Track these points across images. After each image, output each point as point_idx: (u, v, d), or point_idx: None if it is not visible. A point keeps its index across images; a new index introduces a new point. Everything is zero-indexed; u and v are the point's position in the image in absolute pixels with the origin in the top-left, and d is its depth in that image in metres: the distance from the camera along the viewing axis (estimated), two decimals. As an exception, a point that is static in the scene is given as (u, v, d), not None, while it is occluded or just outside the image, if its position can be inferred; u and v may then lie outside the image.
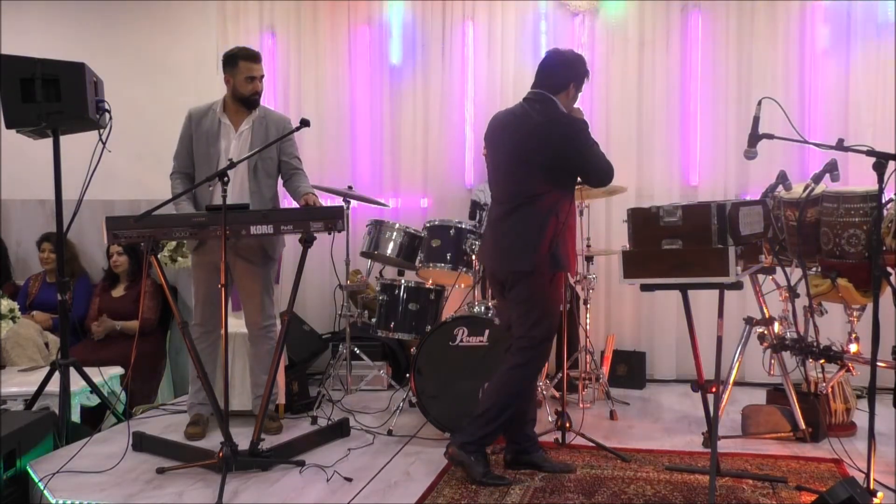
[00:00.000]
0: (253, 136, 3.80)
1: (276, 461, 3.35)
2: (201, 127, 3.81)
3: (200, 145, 3.80)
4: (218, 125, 3.80)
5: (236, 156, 3.65)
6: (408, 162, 5.31)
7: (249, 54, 3.79)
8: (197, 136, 3.81)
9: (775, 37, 4.80)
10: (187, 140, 3.84)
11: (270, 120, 3.87)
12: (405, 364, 4.89)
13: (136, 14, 5.56)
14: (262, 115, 3.86)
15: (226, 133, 3.80)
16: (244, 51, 3.81)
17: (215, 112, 3.82)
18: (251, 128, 3.82)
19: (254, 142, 3.78)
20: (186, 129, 3.85)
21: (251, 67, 3.76)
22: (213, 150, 3.77)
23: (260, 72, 3.81)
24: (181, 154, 3.87)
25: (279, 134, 3.81)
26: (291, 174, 3.92)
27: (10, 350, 4.71)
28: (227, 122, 3.81)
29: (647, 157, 4.99)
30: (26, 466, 3.29)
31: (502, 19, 5.14)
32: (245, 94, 3.78)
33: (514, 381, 3.19)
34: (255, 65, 3.78)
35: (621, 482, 3.17)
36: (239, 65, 3.76)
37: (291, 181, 3.91)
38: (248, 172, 3.79)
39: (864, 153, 2.75)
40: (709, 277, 2.82)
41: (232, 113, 3.82)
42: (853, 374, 3.52)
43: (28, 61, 3.77)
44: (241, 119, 3.82)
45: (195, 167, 3.83)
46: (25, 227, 5.69)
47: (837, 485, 2.70)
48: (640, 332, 5.06)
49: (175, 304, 3.65)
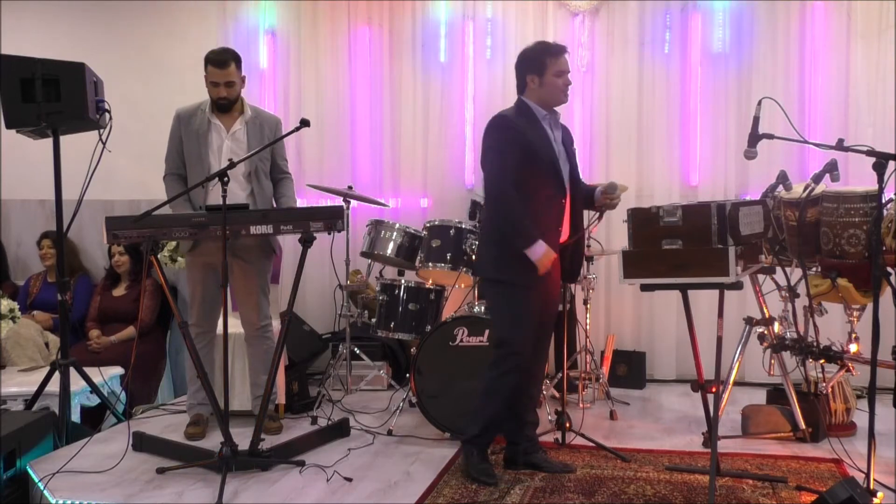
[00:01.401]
0: (249, 137, 3.79)
1: (276, 461, 3.36)
2: (191, 127, 3.78)
3: (191, 145, 3.77)
4: (208, 125, 3.78)
5: (233, 156, 3.65)
6: (408, 162, 5.30)
7: (217, 59, 3.70)
8: (187, 137, 3.79)
9: (775, 37, 4.80)
10: (177, 141, 3.82)
11: (263, 120, 3.86)
12: (405, 364, 4.89)
13: (136, 14, 5.56)
14: (255, 115, 3.85)
15: (217, 133, 3.79)
16: (213, 55, 3.73)
17: (204, 112, 3.80)
18: (245, 128, 3.80)
19: (250, 142, 3.77)
20: (175, 129, 3.83)
21: (215, 73, 3.69)
22: (205, 151, 3.75)
23: (225, 77, 3.69)
24: (172, 155, 3.85)
25: (273, 134, 3.81)
26: (279, 179, 3.92)
27: (10, 350, 4.71)
28: (216, 122, 3.79)
29: (647, 157, 4.98)
30: (26, 466, 3.29)
31: (503, 19, 5.14)
32: (213, 98, 3.75)
33: (486, 381, 3.22)
34: (220, 70, 3.68)
35: (621, 482, 3.17)
36: (207, 69, 3.72)
37: (277, 187, 3.91)
38: (251, 175, 3.78)
39: (864, 153, 2.75)
40: (709, 277, 2.82)
41: (220, 113, 3.81)
42: (853, 374, 3.52)
43: (28, 61, 3.77)
44: (230, 119, 3.81)
45: (187, 168, 3.81)
46: (25, 227, 5.69)
47: (837, 485, 2.70)
48: (640, 332, 5.06)
49: (175, 304, 3.65)
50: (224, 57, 3.72)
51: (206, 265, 3.77)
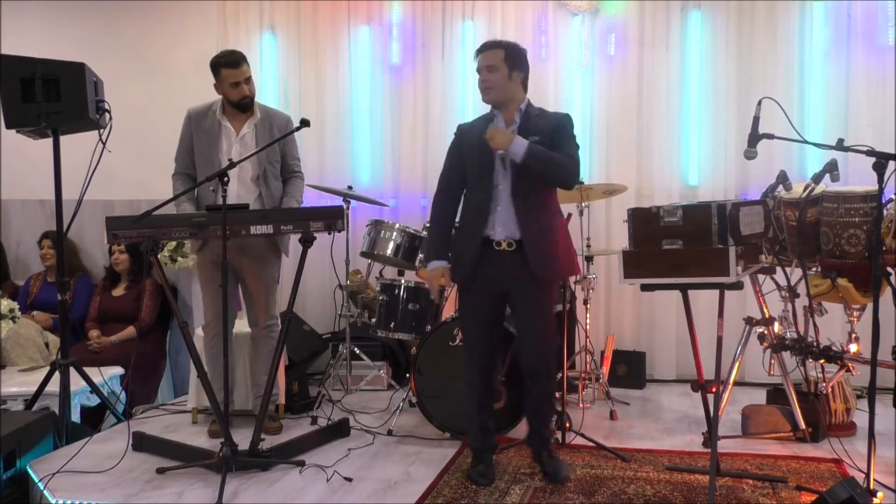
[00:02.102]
0: (258, 140, 3.78)
1: (276, 461, 3.36)
2: (202, 127, 3.79)
3: (202, 146, 3.78)
4: (218, 127, 3.78)
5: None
6: (408, 162, 5.30)
7: (229, 61, 3.71)
8: (198, 137, 3.80)
9: (775, 37, 4.79)
10: (188, 140, 3.83)
11: (274, 120, 3.86)
12: (405, 364, 4.89)
13: (136, 14, 5.56)
14: (265, 115, 3.85)
15: (227, 136, 3.79)
16: (223, 58, 3.74)
17: (215, 113, 3.80)
18: (254, 131, 3.80)
19: (259, 145, 3.75)
20: (186, 129, 3.84)
21: (233, 74, 3.70)
22: (215, 153, 3.76)
23: (244, 75, 3.72)
24: (182, 155, 3.86)
25: (283, 133, 3.80)
26: (288, 178, 3.92)
27: (10, 350, 4.71)
28: (227, 124, 3.80)
29: (647, 157, 4.98)
30: (26, 466, 3.29)
31: (502, 19, 5.14)
32: (234, 100, 3.75)
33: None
34: (237, 70, 3.70)
35: (621, 482, 3.17)
36: (221, 73, 3.72)
37: (286, 185, 3.91)
38: (259, 178, 3.77)
39: (864, 153, 2.74)
40: (709, 277, 2.82)
41: (231, 116, 3.81)
42: (853, 374, 3.52)
43: (28, 61, 3.77)
44: (240, 122, 3.81)
45: (196, 168, 3.81)
46: (25, 227, 5.69)
47: (837, 485, 2.71)
48: (640, 332, 5.06)
49: (175, 304, 3.65)
50: (235, 57, 3.74)
51: (215, 264, 3.77)
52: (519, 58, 3.17)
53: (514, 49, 3.17)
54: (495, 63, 3.13)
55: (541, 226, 3.14)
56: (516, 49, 3.18)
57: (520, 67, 3.17)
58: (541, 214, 3.15)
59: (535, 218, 3.13)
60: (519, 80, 3.18)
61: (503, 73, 3.13)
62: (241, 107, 3.78)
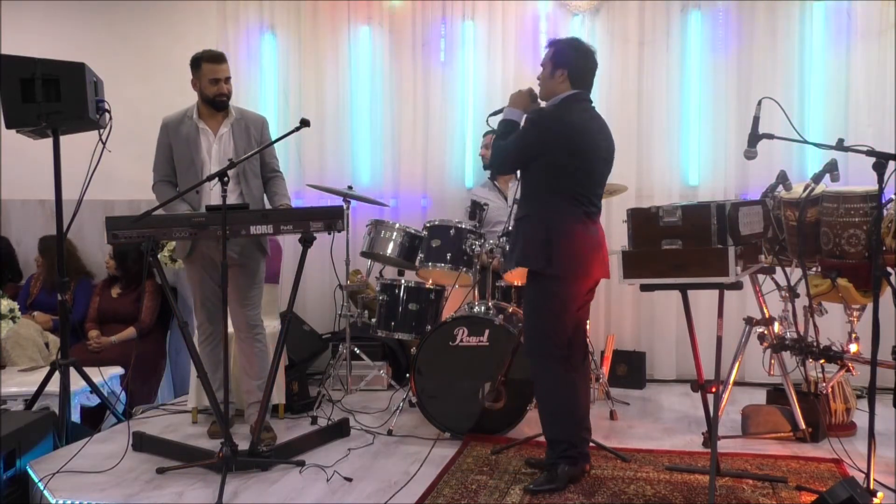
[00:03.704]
0: (235, 139, 3.77)
1: (276, 461, 3.36)
2: (179, 134, 3.77)
3: (181, 152, 3.76)
4: (196, 131, 3.77)
5: (218, 160, 3.67)
6: (408, 162, 5.30)
7: (212, 56, 3.72)
8: (176, 144, 3.77)
9: (775, 37, 4.80)
10: (166, 149, 3.81)
11: (248, 120, 3.85)
12: (405, 364, 4.89)
13: (136, 14, 5.56)
14: (239, 115, 3.83)
15: (205, 137, 3.78)
16: (207, 53, 3.74)
17: (191, 118, 3.78)
18: (230, 130, 3.79)
19: (237, 143, 3.75)
20: (164, 137, 3.81)
21: (214, 69, 3.70)
22: (196, 156, 3.74)
23: (224, 73, 3.73)
24: (161, 163, 3.83)
25: (259, 133, 3.82)
26: (271, 177, 3.91)
27: (10, 350, 4.71)
28: (203, 126, 3.78)
29: (646, 157, 4.98)
30: (26, 466, 3.29)
31: (502, 19, 5.14)
32: (210, 96, 3.73)
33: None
34: (219, 66, 3.71)
35: (621, 482, 3.17)
36: (202, 67, 3.71)
37: (270, 185, 3.90)
38: (239, 176, 3.76)
39: (864, 153, 2.75)
40: (709, 277, 2.82)
41: (207, 117, 3.79)
42: (853, 374, 3.52)
43: (28, 61, 3.77)
44: (217, 122, 3.79)
45: (177, 175, 3.80)
46: (25, 227, 5.69)
47: (837, 485, 2.70)
48: (640, 332, 5.06)
49: (175, 304, 3.65)
50: (217, 53, 3.76)
51: (203, 267, 3.77)
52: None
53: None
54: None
55: (518, 217, 3.24)
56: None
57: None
58: (523, 204, 3.24)
59: (520, 207, 3.25)
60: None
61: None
62: (216, 105, 3.75)
